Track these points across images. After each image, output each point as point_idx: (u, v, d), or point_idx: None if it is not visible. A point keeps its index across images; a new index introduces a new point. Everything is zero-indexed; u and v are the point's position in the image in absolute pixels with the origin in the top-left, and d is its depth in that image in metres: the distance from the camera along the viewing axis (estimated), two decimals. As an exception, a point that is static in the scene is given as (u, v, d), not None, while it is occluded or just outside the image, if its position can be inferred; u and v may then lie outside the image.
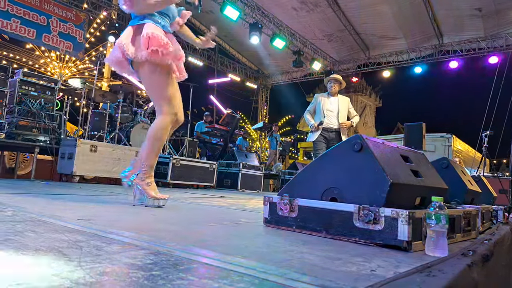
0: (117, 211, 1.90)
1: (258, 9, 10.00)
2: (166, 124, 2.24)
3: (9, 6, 7.97)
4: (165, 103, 2.25)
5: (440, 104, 39.99)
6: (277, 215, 1.53)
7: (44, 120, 4.97)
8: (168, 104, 2.24)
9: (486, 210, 1.89)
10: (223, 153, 7.94)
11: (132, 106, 6.74)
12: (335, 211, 1.32)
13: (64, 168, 4.76)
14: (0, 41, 9.51)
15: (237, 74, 13.83)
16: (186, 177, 5.90)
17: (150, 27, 2.13)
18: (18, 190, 2.71)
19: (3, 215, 1.36)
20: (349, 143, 1.42)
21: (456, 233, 1.40)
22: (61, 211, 1.65)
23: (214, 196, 4.08)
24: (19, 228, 1.11)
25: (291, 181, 1.61)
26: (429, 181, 1.48)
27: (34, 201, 2.02)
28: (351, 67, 12.72)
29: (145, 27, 2.13)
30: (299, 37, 11.43)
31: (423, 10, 9.39)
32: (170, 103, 2.24)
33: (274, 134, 10.59)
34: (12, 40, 8.96)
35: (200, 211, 2.34)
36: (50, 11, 8.73)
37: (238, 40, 12.26)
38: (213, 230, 1.50)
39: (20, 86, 4.93)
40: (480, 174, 6.29)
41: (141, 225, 1.52)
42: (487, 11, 8.99)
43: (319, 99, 4.77)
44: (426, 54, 11.06)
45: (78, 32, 9.29)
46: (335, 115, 4.65)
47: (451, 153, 8.59)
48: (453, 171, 1.96)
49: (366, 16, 10.18)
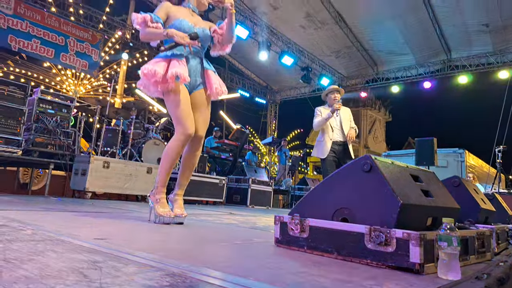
0: (132, 229, 1.94)
1: (267, 28, 10.18)
2: (176, 143, 2.29)
3: (30, 27, 8.39)
4: (176, 123, 2.32)
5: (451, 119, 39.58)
6: (288, 235, 1.54)
7: (59, 137, 5.10)
8: (179, 124, 2.30)
9: (501, 230, 1.86)
10: (233, 168, 7.98)
11: (144, 122, 6.86)
12: (346, 232, 1.33)
13: (77, 184, 4.85)
14: (19, 60, 9.85)
15: (246, 90, 13.98)
16: (195, 192, 5.94)
17: (150, 62, 2.31)
18: (34, 207, 2.77)
19: (24, 234, 1.41)
20: (358, 163, 1.44)
21: (470, 255, 1.39)
22: (77, 230, 1.69)
23: (224, 213, 4.10)
24: (40, 248, 1.15)
25: (301, 200, 1.63)
26: (440, 201, 1.48)
27: (50, 219, 2.07)
28: (360, 82, 12.75)
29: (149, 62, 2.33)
30: (307, 53, 11.55)
31: (430, 26, 9.43)
32: (181, 123, 2.29)
33: (284, 148, 10.61)
34: (30, 59, 9.32)
35: (211, 229, 2.36)
36: (68, 32, 9.12)
37: (247, 57, 12.45)
38: (225, 250, 1.52)
39: (38, 104, 5.08)
40: (495, 191, 6.19)
41: (155, 244, 1.54)
42: (494, 27, 8.99)
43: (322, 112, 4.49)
44: (434, 69, 11.03)
45: (94, 51, 9.61)
46: (340, 127, 4.45)
47: (464, 169, 8.46)
48: (465, 190, 1.95)
49: (373, 33, 10.27)
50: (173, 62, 2.29)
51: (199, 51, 2.48)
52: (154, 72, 2.22)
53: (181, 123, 2.29)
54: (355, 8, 9.40)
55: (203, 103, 2.48)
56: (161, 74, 2.23)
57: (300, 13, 9.75)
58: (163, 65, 2.27)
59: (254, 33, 9.88)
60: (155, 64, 2.28)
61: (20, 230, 1.49)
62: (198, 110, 2.45)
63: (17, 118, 4.75)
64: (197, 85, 2.46)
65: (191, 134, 2.31)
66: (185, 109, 2.32)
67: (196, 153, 2.48)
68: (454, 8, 8.65)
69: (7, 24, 8.00)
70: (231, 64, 13.24)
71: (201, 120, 2.46)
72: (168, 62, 2.29)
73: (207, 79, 2.49)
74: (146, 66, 2.27)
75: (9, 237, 1.31)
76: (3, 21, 7.93)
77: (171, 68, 2.25)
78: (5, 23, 7.95)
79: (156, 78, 2.24)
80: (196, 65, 2.44)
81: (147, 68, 2.26)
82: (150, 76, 2.25)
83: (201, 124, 2.46)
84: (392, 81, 11.97)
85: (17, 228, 1.54)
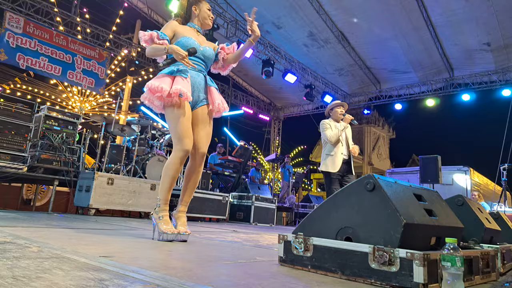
0: (136, 247, 1.94)
1: (270, 47, 10.36)
2: (174, 159, 2.32)
3: (39, 46, 8.60)
4: (175, 139, 2.36)
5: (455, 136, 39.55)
6: (292, 254, 1.55)
7: (64, 153, 5.14)
8: (177, 140, 2.33)
9: (507, 250, 1.84)
10: (236, 185, 7.97)
11: (149, 139, 6.91)
12: (350, 251, 1.33)
13: (81, 201, 4.86)
14: (26, 77, 10.05)
15: (250, 106, 14.10)
16: (198, 209, 5.93)
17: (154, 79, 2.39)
18: (39, 224, 2.79)
19: (30, 251, 1.42)
20: (361, 182, 1.45)
21: (475, 275, 1.38)
22: (82, 247, 1.70)
23: (227, 231, 4.08)
24: (47, 265, 1.17)
25: (305, 219, 1.64)
26: (444, 221, 1.49)
27: (55, 236, 2.08)
28: (363, 100, 12.84)
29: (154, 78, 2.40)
30: (310, 71, 11.69)
31: (432, 46, 9.56)
32: (180, 139, 2.32)
33: (287, 165, 10.60)
34: (36, 76, 9.50)
35: (214, 247, 2.35)
36: (76, 50, 9.32)
37: (251, 75, 12.62)
38: (229, 268, 1.52)
39: (44, 121, 5.15)
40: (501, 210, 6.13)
41: (159, 262, 1.55)
42: (496, 46, 9.11)
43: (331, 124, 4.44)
44: (437, 87, 11.11)
45: (100, 69, 9.79)
46: (346, 143, 4.43)
47: (469, 187, 8.41)
48: (469, 209, 1.95)
49: (376, 52, 10.41)
50: (178, 78, 2.35)
51: (203, 68, 2.55)
52: (160, 88, 2.28)
53: (179, 139, 2.32)
54: (357, 28, 9.57)
55: (205, 119, 2.52)
56: (167, 91, 2.29)
57: (303, 33, 9.93)
58: (169, 82, 2.34)
59: (258, 51, 10.05)
60: (160, 80, 2.34)
61: (26, 247, 1.51)
62: (200, 125, 2.49)
63: (23, 135, 4.81)
64: (200, 100, 2.51)
65: (188, 150, 2.34)
66: (185, 126, 2.35)
67: (199, 169, 2.50)
68: (456, 28, 8.79)
69: (16, 43, 8.20)
70: (235, 81, 13.43)
71: (203, 135, 2.49)
72: (173, 78, 2.36)
73: (210, 95, 2.55)
74: (152, 82, 2.34)
75: (16, 254, 1.32)
76: (13, 40, 8.15)
77: (175, 84, 2.31)
78: (14, 42, 8.16)
79: (162, 94, 2.30)
80: (199, 81, 2.50)
81: (153, 84, 2.32)
82: (155, 91, 2.31)
83: (204, 140, 2.49)
84: (395, 98, 12.04)
85: (24, 245, 1.56)
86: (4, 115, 4.66)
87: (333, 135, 4.32)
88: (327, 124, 4.42)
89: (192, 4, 2.62)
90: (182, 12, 2.62)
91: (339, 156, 4.29)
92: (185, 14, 2.62)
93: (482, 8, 7.95)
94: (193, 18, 2.64)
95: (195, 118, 2.47)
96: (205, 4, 2.66)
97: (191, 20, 2.64)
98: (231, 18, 9.05)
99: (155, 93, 2.33)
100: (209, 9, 2.67)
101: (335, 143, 4.32)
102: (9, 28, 8.07)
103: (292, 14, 9.23)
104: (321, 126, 4.48)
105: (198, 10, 2.62)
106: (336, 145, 4.32)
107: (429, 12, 8.49)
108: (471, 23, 8.51)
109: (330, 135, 4.34)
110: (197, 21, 2.64)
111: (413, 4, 8.27)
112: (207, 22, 2.66)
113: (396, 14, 8.68)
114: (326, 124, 4.43)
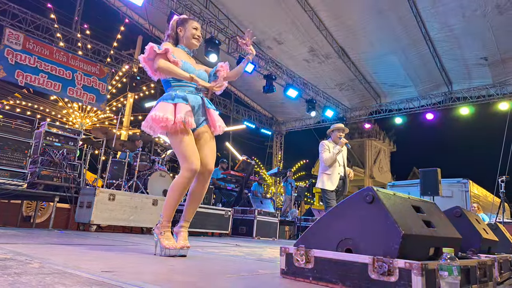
0: (138, 262, 1.95)
1: (272, 62, 10.50)
2: (182, 178, 2.33)
3: (38, 62, 8.59)
4: (181, 159, 2.37)
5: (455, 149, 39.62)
6: (293, 266, 1.56)
7: (65, 170, 5.14)
8: (184, 160, 2.34)
9: (504, 260, 1.85)
10: (239, 200, 7.96)
11: (150, 154, 6.94)
12: (351, 263, 1.35)
13: (82, 217, 4.85)
14: (26, 93, 10.13)
15: (252, 121, 14.19)
16: (201, 224, 5.91)
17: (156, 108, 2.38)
18: (39, 240, 2.79)
19: (31, 267, 1.43)
20: (361, 194, 1.48)
21: (472, 284, 1.39)
22: (84, 263, 1.71)
23: (230, 245, 4.07)
24: (49, 281, 1.18)
25: (306, 231, 1.65)
26: (442, 231, 1.50)
27: (56, 252, 2.08)
28: (363, 114, 12.92)
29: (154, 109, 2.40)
30: (311, 86, 11.81)
31: (431, 60, 9.69)
32: (186, 159, 2.33)
33: (289, 179, 10.60)
34: (36, 92, 9.48)
35: (217, 261, 2.35)
36: (76, 66, 9.34)
37: (253, 90, 12.73)
38: (231, 282, 1.53)
39: (44, 137, 5.14)
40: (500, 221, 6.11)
41: (162, 277, 1.56)
42: (493, 60, 9.23)
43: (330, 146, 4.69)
44: (436, 101, 11.21)
45: (101, 85, 9.86)
46: (343, 163, 4.72)
47: (468, 199, 8.41)
48: (466, 220, 1.96)
49: (376, 66, 10.53)
50: (180, 105, 2.37)
51: (200, 89, 2.56)
52: (165, 119, 2.29)
53: (186, 159, 2.33)
54: (358, 44, 9.71)
55: (207, 136, 2.54)
56: (172, 121, 2.30)
57: (304, 48, 10.08)
58: (171, 110, 2.34)
59: (260, 66, 10.18)
60: (163, 110, 2.34)
61: (27, 264, 1.51)
62: (204, 143, 2.51)
63: (23, 151, 4.75)
64: (200, 122, 2.53)
65: (196, 169, 2.34)
66: (190, 146, 2.37)
67: (205, 186, 2.50)
68: (454, 43, 8.93)
69: (15, 59, 8.16)
70: (237, 96, 13.55)
71: (208, 152, 2.50)
72: (175, 105, 2.37)
73: (210, 117, 2.58)
74: (155, 113, 2.32)
75: (18, 270, 1.32)
76: (12, 57, 8.11)
77: (178, 113, 2.33)
78: (13, 59, 8.13)
79: (167, 124, 2.31)
80: (198, 103, 2.51)
81: (158, 115, 2.31)
82: (160, 122, 2.32)
83: (210, 157, 2.50)
84: (395, 112, 12.13)
85: (25, 262, 1.55)
86: (3, 132, 4.61)
87: (328, 159, 4.57)
88: (326, 146, 4.68)
89: (178, 26, 2.60)
90: (173, 33, 2.61)
91: (336, 175, 4.58)
92: (175, 35, 2.61)
93: (478, 24, 8.09)
94: (181, 40, 2.60)
95: (197, 138, 2.49)
96: (192, 23, 2.59)
97: (180, 42, 2.61)
98: (232, 34, 9.21)
99: (159, 124, 2.34)
100: (195, 27, 2.59)
101: (330, 165, 4.59)
102: (8, 45, 8.06)
103: (293, 30, 9.39)
104: (320, 147, 4.73)
105: (184, 31, 2.57)
106: (335, 166, 4.61)
107: (427, 27, 8.64)
108: (468, 38, 8.65)
109: (326, 158, 4.60)
110: (184, 43, 2.60)
111: (411, 20, 8.42)
112: (193, 42, 2.59)
113: (395, 30, 8.83)
114: (325, 146, 4.68)
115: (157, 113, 2.32)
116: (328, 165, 4.58)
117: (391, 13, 8.36)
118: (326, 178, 4.56)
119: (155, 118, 2.32)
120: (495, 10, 7.69)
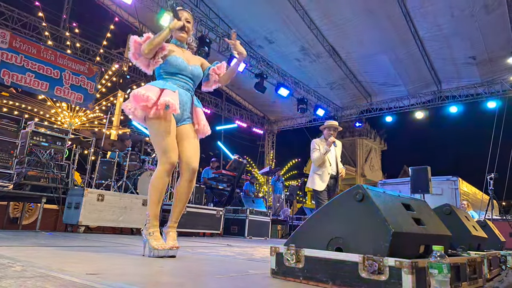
0: (125, 263, 1.91)
1: (263, 61, 10.49)
2: (159, 173, 2.27)
3: (25, 61, 8.41)
4: (159, 152, 2.30)
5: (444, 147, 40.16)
6: (284, 266, 1.54)
7: (53, 170, 5.04)
8: (163, 154, 2.27)
9: (493, 256, 1.87)
10: (230, 199, 7.93)
11: (140, 154, 6.86)
12: (341, 261, 1.33)
13: (70, 218, 4.76)
14: (14, 92, 9.93)
15: (244, 120, 14.16)
16: (192, 224, 5.86)
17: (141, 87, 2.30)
18: (25, 243, 2.73)
19: (13, 271, 1.38)
20: (351, 193, 1.46)
21: (462, 281, 1.39)
22: (69, 265, 1.66)
23: (221, 245, 4.04)
24: (30, 285, 1.13)
25: (296, 230, 1.64)
26: (432, 229, 1.50)
27: (41, 255, 2.03)
28: (354, 113, 13.00)
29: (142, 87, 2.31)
30: (302, 85, 11.83)
31: (420, 60, 9.79)
32: (165, 153, 2.26)
33: (281, 178, 10.64)
34: (23, 91, 9.30)
35: (207, 262, 2.32)
36: (64, 65, 9.17)
37: (244, 89, 12.71)
38: (220, 282, 1.50)
39: (31, 137, 5.03)
40: (489, 218, 6.19)
41: (149, 278, 1.53)
42: (481, 60, 9.37)
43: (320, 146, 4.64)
44: (426, 99, 11.34)
45: (89, 84, 9.71)
46: (335, 162, 4.65)
47: (458, 196, 8.53)
48: (456, 218, 1.97)
49: (366, 65, 10.60)
50: (166, 91, 2.29)
51: (191, 87, 2.50)
52: (146, 97, 2.20)
53: (165, 152, 2.26)
54: (348, 43, 9.77)
55: (190, 134, 2.46)
56: (153, 101, 2.21)
57: (295, 47, 10.10)
58: (156, 92, 2.26)
59: (251, 65, 10.16)
60: (148, 89, 2.27)
61: (9, 267, 1.46)
62: (186, 139, 2.43)
63: (9, 152, 4.68)
64: (184, 119, 2.46)
65: (174, 163, 2.28)
66: (170, 139, 2.29)
67: (191, 186, 2.43)
68: (442, 43, 9.04)
69: (1, 58, 7.97)
70: (228, 95, 13.52)
71: (191, 149, 2.42)
72: (162, 90, 2.29)
73: (195, 115, 2.51)
74: (138, 90, 2.26)
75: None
76: (-3, 55, 7.90)
77: (163, 96, 2.24)
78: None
79: (147, 103, 2.21)
80: (186, 100, 2.45)
81: (139, 91, 2.23)
82: (140, 100, 2.22)
83: (193, 154, 2.42)
84: (386, 111, 12.24)
85: (7, 265, 1.50)
86: (-12, 132, 4.53)
87: (317, 159, 4.54)
88: (317, 145, 4.62)
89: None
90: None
91: (326, 175, 4.51)
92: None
93: (466, 23, 8.20)
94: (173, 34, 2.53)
95: (179, 134, 2.41)
96: (182, 15, 2.48)
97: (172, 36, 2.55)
98: (223, 32, 9.17)
99: (139, 102, 2.24)
100: (186, 19, 2.50)
101: (323, 163, 4.53)
102: (-7, 43, 7.87)
103: (284, 29, 9.39)
104: (311, 145, 4.68)
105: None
106: (325, 166, 4.55)
107: (416, 27, 8.72)
108: (456, 37, 8.76)
109: (315, 158, 4.56)
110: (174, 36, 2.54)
111: (401, 19, 8.48)
112: (180, 34, 2.51)
113: (385, 29, 8.89)
114: (316, 145, 4.63)
115: (139, 90, 2.25)
116: (317, 165, 4.54)
117: (381, 12, 8.42)
118: (317, 178, 4.52)
119: (136, 95, 2.23)
120: (482, 10, 7.79)
